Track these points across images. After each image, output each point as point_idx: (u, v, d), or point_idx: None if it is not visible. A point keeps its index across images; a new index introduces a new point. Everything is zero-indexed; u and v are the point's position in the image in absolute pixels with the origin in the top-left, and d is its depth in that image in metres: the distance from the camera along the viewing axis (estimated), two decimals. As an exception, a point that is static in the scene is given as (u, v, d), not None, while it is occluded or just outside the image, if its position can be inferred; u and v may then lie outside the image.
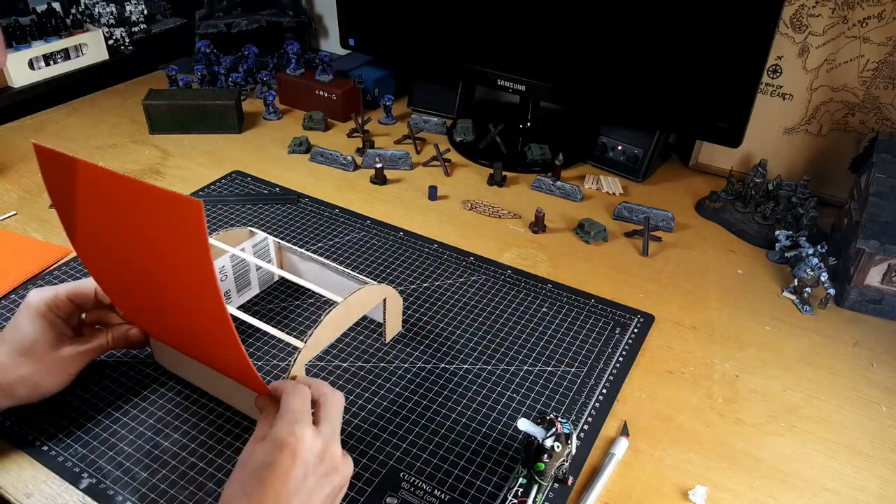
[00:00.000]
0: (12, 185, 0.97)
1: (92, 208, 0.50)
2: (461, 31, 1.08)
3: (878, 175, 0.77)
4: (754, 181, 0.94)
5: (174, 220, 0.44)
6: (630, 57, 0.94)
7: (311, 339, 0.57)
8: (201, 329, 0.53)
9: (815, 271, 0.78)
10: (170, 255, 0.47)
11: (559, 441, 0.53)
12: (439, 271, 0.81)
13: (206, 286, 0.45)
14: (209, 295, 0.45)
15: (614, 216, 0.94)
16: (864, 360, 0.71)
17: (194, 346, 0.59)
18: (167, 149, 1.09)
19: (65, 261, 0.81)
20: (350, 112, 1.16)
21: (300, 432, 0.46)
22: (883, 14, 0.86)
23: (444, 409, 0.62)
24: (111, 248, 0.52)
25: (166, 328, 0.60)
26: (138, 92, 1.27)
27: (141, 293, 0.56)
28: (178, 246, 0.45)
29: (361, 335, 0.71)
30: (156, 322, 0.60)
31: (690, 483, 0.57)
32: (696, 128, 0.95)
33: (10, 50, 1.16)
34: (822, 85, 0.94)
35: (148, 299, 0.56)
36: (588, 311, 0.75)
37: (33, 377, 0.57)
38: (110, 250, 0.53)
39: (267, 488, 0.44)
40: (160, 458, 0.57)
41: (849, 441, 0.61)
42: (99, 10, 1.32)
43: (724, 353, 0.71)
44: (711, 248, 0.88)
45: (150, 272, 0.51)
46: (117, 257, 0.53)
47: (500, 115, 1.19)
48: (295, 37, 1.37)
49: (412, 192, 0.99)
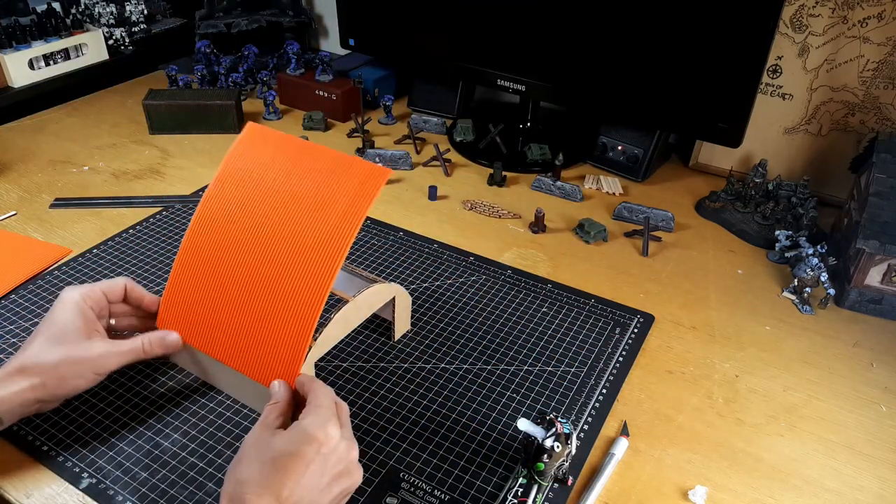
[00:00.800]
0: (12, 185, 0.97)
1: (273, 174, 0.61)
2: (461, 31, 1.08)
3: (878, 175, 0.77)
4: (754, 181, 0.94)
5: (362, 178, 0.57)
6: (630, 57, 0.94)
7: (320, 337, 0.58)
8: (283, 299, 0.57)
9: (815, 271, 0.78)
10: (334, 206, 0.57)
11: (559, 441, 0.53)
12: (439, 271, 0.81)
13: (346, 235, 0.55)
14: (341, 243, 0.55)
15: (614, 216, 0.94)
16: (864, 360, 0.71)
17: (246, 333, 0.59)
18: (167, 149, 1.09)
19: (65, 261, 0.81)
20: (350, 112, 1.16)
21: (331, 430, 0.48)
22: (883, 14, 0.86)
23: (444, 409, 0.62)
24: (269, 209, 0.60)
25: (217, 315, 0.60)
26: (138, 92, 1.27)
27: (240, 265, 0.59)
28: (349, 199, 0.57)
29: (361, 335, 0.71)
30: (210, 312, 0.61)
31: (690, 483, 0.57)
32: (696, 128, 0.95)
33: (11, 50, 1.17)
34: (822, 85, 0.94)
35: (239, 273, 0.59)
36: (588, 311, 0.75)
37: (61, 368, 0.55)
38: (262, 213, 0.60)
39: (286, 476, 0.45)
40: (160, 458, 0.57)
41: (849, 441, 0.61)
42: (99, 10, 1.32)
43: (724, 353, 0.71)
44: (711, 248, 0.88)
45: (298, 221, 0.58)
46: (264, 218, 0.59)
47: (500, 115, 1.19)
48: (295, 37, 1.37)
49: (412, 192, 0.99)
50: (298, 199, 0.59)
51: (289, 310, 0.56)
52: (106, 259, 0.81)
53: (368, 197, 0.56)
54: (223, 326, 0.60)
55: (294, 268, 0.57)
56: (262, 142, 0.63)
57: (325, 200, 0.58)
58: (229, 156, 0.63)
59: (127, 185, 0.98)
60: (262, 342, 0.57)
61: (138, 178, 1.00)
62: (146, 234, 0.86)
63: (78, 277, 0.78)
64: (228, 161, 0.63)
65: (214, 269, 0.61)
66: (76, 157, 1.06)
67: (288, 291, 0.57)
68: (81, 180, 1.00)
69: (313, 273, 0.56)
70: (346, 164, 0.59)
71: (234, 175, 0.62)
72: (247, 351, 0.58)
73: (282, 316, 0.57)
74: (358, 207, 0.56)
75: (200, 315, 0.61)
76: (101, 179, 1.00)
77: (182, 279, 0.62)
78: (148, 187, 0.98)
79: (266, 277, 0.58)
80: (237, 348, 0.59)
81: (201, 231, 0.62)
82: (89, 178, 1.00)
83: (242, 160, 0.62)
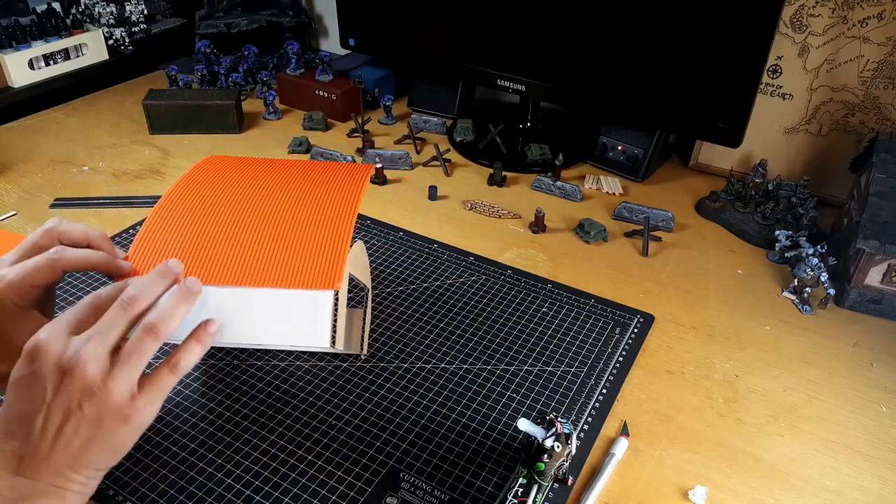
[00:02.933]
0: (12, 185, 0.97)
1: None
2: (461, 31, 1.08)
3: (878, 175, 0.77)
4: (754, 181, 0.94)
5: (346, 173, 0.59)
6: (630, 57, 0.94)
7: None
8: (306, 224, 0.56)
9: (815, 271, 0.78)
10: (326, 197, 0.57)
11: (559, 441, 0.53)
12: (439, 271, 0.81)
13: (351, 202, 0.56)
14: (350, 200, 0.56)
15: (614, 216, 0.94)
16: (864, 360, 0.71)
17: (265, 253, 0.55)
18: (167, 149, 1.09)
19: (65, 261, 0.81)
20: (350, 112, 1.16)
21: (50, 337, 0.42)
22: (883, 14, 0.86)
23: (444, 409, 0.62)
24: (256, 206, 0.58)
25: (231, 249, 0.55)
26: (138, 92, 1.27)
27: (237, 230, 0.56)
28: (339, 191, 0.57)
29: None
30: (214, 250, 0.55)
31: (690, 483, 0.57)
32: (696, 128, 0.95)
33: (11, 50, 1.17)
34: (822, 85, 0.94)
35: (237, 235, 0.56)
36: (588, 311, 0.75)
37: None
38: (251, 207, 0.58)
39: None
40: (160, 458, 0.57)
41: (849, 441, 0.61)
42: (99, 10, 1.32)
43: (724, 353, 0.71)
44: (711, 248, 0.88)
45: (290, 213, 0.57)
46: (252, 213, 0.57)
47: (500, 115, 1.19)
48: (295, 37, 1.37)
49: (412, 192, 0.99)
50: (288, 195, 0.57)
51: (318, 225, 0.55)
52: (106, 259, 0.81)
53: (358, 186, 0.56)
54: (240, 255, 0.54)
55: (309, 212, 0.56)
56: (228, 164, 0.60)
57: (314, 196, 0.56)
58: (175, 185, 0.58)
59: (127, 185, 0.98)
60: (294, 254, 0.54)
61: (138, 178, 1.00)
62: (146, 234, 0.86)
63: (78, 277, 0.78)
64: (175, 190, 0.58)
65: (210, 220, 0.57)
66: (76, 158, 1.06)
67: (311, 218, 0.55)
68: (81, 180, 1.00)
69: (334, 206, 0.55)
70: (325, 166, 0.58)
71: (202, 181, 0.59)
72: (277, 266, 0.53)
73: (312, 232, 0.54)
74: (351, 197, 0.56)
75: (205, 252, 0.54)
76: (101, 179, 1.00)
77: (165, 229, 0.56)
78: (148, 187, 0.98)
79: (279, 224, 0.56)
80: (264, 268, 0.53)
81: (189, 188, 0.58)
82: (89, 178, 1.00)
83: (198, 188, 0.58)
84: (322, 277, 0.52)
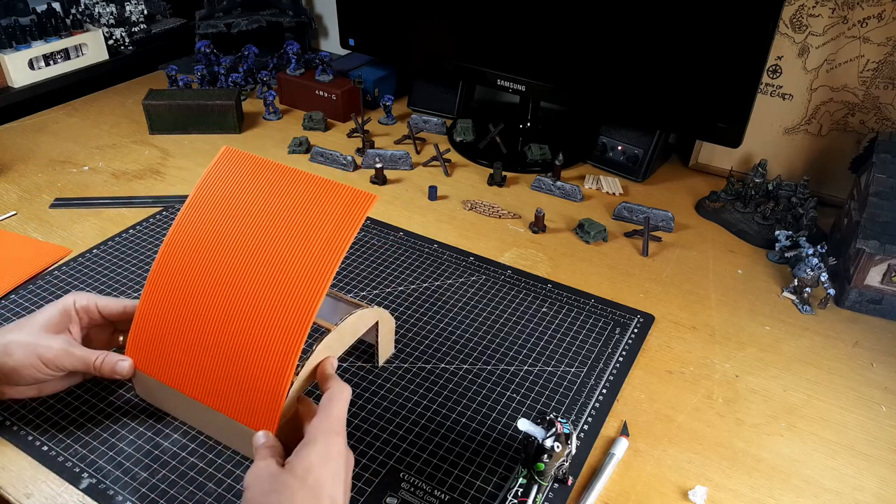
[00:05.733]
0: (12, 185, 0.97)
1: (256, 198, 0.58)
2: (461, 31, 1.08)
3: (878, 175, 0.77)
4: (754, 181, 0.94)
5: (347, 203, 0.55)
6: (630, 57, 0.94)
7: (302, 371, 0.54)
8: (261, 334, 0.53)
9: (814, 271, 0.78)
10: (317, 233, 0.55)
11: (559, 441, 0.53)
12: (439, 271, 0.81)
13: (329, 264, 0.53)
14: (324, 273, 0.53)
15: (614, 216, 0.94)
16: (864, 360, 0.71)
17: (220, 369, 0.56)
18: (167, 149, 1.09)
19: (65, 261, 0.81)
20: (350, 112, 1.16)
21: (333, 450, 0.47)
22: (883, 14, 0.86)
23: (444, 409, 0.62)
24: (246, 235, 0.57)
25: (192, 350, 0.57)
26: (138, 92, 1.27)
27: (213, 296, 0.56)
28: (333, 225, 0.55)
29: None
30: (181, 346, 0.57)
31: (690, 483, 0.57)
32: (696, 128, 0.95)
33: (11, 50, 1.17)
34: (822, 85, 0.94)
35: (212, 305, 0.56)
36: (588, 311, 0.75)
37: (10, 346, 0.55)
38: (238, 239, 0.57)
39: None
40: (160, 458, 0.57)
41: (849, 441, 0.61)
42: (99, 10, 1.32)
43: (724, 353, 0.71)
44: (711, 248, 0.88)
45: (277, 249, 0.55)
46: (239, 245, 0.57)
47: (500, 115, 1.19)
48: (295, 37, 1.37)
49: (412, 192, 0.99)
50: (279, 226, 0.56)
51: (268, 345, 0.53)
52: (106, 259, 0.81)
53: (353, 223, 0.54)
54: (197, 362, 0.56)
55: (273, 300, 0.54)
56: (239, 166, 0.60)
57: (308, 227, 0.55)
58: (203, 179, 0.60)
59: (127, 185, 0.98)
60: (241, 379, 0.54)
61: (138, 178, 1.00)
62: (146, 234, 0.86)
63: (78, 277, 0.78)
64: (202, 185, 0.60)
65: (186, 301, 0.57)
66: (76, 157, 1.06)
67: (267, 325, 0.53)
68: (81, 180, 1.00)
69: (294, 305, 0.53)
70: (330, 189, 0.56)
71: (209, 200, 0.59)
72: (224, 389, 0.55)
73: (261, 352, 0.53)
74: (343, 234, 0.54)
75: (171, 349, 0.57)
76: (101, 179, 1.00)
77: (151, 309, 0.58)
78: (148, 187, 0.98)
79: (243, 310, 0.55)
80: (213, 386, 0.55)
81: (173, 258, 0.58)
82: (89, 178, 1.00)
83: (217, 184, 0.60)
84: (260, 417, 0.53)
